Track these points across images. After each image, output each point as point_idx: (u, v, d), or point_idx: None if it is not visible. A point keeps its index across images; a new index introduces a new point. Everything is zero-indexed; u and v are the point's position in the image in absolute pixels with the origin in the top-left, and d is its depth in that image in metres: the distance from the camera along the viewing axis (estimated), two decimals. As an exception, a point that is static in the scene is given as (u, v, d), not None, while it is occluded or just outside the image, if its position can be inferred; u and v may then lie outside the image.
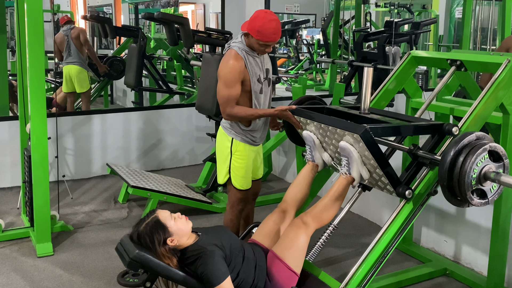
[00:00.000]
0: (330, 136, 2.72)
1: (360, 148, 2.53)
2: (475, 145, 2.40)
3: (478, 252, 3.40)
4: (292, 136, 3.20)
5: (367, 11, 7.22)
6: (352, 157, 2.60)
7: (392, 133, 2.71)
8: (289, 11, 8.16)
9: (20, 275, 3.28)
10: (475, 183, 2.40)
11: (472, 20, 5.89)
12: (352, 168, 2.64)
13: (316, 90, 7.62)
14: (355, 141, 2.53)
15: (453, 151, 2.39)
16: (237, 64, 2.92)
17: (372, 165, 2.57)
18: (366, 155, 2.54)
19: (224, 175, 3.16)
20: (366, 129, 2.44)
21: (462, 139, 2.43)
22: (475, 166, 2.37)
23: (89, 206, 4.50)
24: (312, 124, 2.82)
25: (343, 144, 2.60)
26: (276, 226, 2.79)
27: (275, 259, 2.59)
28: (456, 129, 2.63)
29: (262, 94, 3.05)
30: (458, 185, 2.40)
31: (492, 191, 2.48)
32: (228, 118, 3.02)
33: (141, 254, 2.39)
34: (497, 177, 2.40)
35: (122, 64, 6.47)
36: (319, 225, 2.67)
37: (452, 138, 2.62)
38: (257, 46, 2.92)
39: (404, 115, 2.98)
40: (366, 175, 2.65)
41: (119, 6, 7.27)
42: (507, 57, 2.82)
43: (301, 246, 2.59)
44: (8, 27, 5.71)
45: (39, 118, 3.42)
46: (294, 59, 8.69)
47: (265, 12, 2.91)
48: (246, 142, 3.10)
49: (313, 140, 2.85)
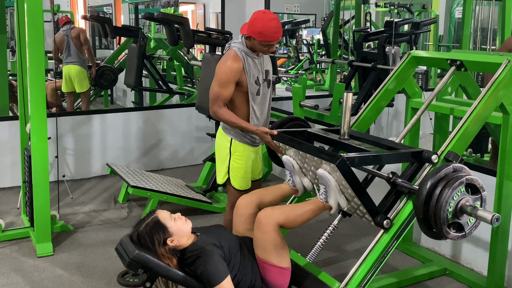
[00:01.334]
0: (308, 163, 2.70)
1: (338, 177, 2.48)
2: (452, 178, 2.35)
3: (478, 252, 3.40)
4: (274, 158, 3.21)
5: (367, 11, 7.21)
6: (329, 185, 2.56)
7: (370, 161, 2.61)
8: (289, 11, 8.15)
9: (20, 275, 3.28)
10: (451, 217, 2.35)
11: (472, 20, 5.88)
12: (330, 196, 2.60)
13: (316, 90, 7.61)
14: (332, 170, 2.49)
15: (429, 184, 2.34)
16: (234, 65, 2.92)
17: (349, 194, 2.53)
18: (343, 184, 2.49)
19: (223, 176, 3.16)
20: (343, 159, 2.38)
21: (438, 172, 2.37)
22: (451, 200, 2.32)
23: (89, 206, 4.50)
24: (291, 149, 2.80)
25: (320, 172, 2.56)
26: (246, 210, 2.79)
27: (261, 263, 2.59)
28: (435, 157, 2.56)
29: (259, 96, 3.06)
30: (434, 219, 2.35)
31: (469, 224, 2.43)
32: (213, 115, 3.06)
33: (141, 255, 2.39)
34: (473, 211, 2.34)
35: (113, 74, 6.45)
36: (283, 219, 2.56)
37: (431, 168, 2.57)
38: (260, 47, 2.93)
39: (385, 140, 2.91)
40: (344, 203, 2.61)
41: (119, 6, 7.27)
42: (507, 57, 2.82)
43: (276, 240, 2.54)
44: (8, 27, 5.71)
45: (39, 118, 3.42)
46: (294, 59, 8.68)
47: (263, 13, 2.90)
48: (245, 142, 3.10)
49: (293, 165, 2.84)
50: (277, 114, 4.93)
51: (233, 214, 2.87)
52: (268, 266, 2.57)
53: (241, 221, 2.79)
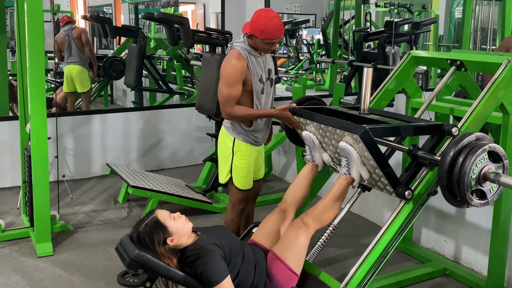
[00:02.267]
0: (329, 137, 2.72)
1: (360, 148, 2.53)
2: (475, 146, 2.40)
3: (478, 252, 3.40)
4: (292, 137, 3.20)
5: (367, 11, 7.22)
6: (351, 157, 2.60)
7: (391, 133, 2.70)
8: (289, 11, 8.16)
9: (20, 275, 3.28)
10: (474, 184, 2.40)
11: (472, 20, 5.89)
12: (352, 168, 2.64)
13: (316, 90, 7.62)
14: (355, 141, 2.52)
15: (452, 152, 2.39)
16: (239, 64, 2.92)
17: (371, 166, 2.57)
18: (365, 155, 2.53)
19: (225, 175, 3.15)
20: (366, 130, 2.44)
21: (461, 140, 2.42)
22: (475, 167, 2.37)
23: (89, 206, 4.50)
24: (311, 124, 2.82)
25: (342, 145, 2.59)
26: (275, 226, 2.79)
27: (276, 260, 2.59)
28: (455, 129, 2.62)
29: (263, 94, 3.05)
30: (457, 186, 2.39)
31: (491, 192, 2.48)
32: (227, 118, 3.02)
33: (141, 254, 2.39)
34: (496, 177, 2.39)
35: (122, 64, 6.46)
36: (319, 225, 2.67)
37: (452, 139, 2.62)
38: (263, 45, 2.92)
39: (404, 116, 2.97)
40: (366, 175, 2.65)
41: (119, 6, 7.27)
42: (507, 57, 2.82)
43: (302, 246, 2.60)
44: (8, 27, 5.71)
45: (39, 118, 3.42)
46: (294, 59, 8.69)
47: (265, 11, 2.91)
48: (248, 142, 3.10)
49: (313, 141, 2.85)
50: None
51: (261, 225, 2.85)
52: (282, 266, 2.57)
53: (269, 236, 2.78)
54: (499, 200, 2.94)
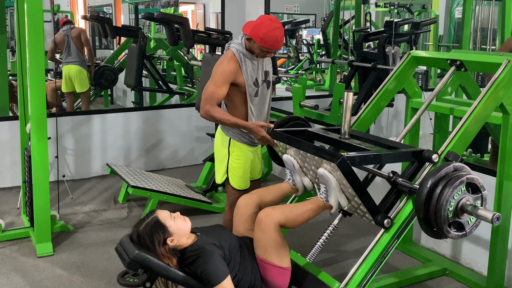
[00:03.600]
0: (309, 162, 2.69)
1: (338, 176, 2.48)
2: (453, 177, 2.35)
3: (478, 252, 3.40)
4: (274, 157, 3.20)
5: (367, 11, 7.21)
6: (330, 185, 2.55)
7: (370, 161, 2.62)
8: (289, 11, 8.15)
9: (20, 275, 3.28)
10: (452, 216, 2.36)
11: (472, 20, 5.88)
12: (330, 195, 2.59)
13: (316, 90, 7.61)
14: (333, 169, 2.49)
15: (430, 183, 2.34)
16: (230, 66, 2.93)
17: (350, 193, 2.53)
18: (344, 183, 2.49)
19: (222, 175, 3.16)
20: (343, 158, 2.38)
21: (439, 171, 2.37)
22: (452, 199, 2.33)
23: (89, 206, 4.50)
24: (291, 148, 2.80)
25: (321, 171, 2.55)
26: (247, 210, 2.78)
27: (261, 263, 2.59)
28: (436, 156, 2.56)
29: (257, 97, 3.05)
30: (434, 218, 2.35)
31: (469, 223, 2.43)
32: (204, 115, 3.00)
33: (141, 254, 2.39)
34: (474, 210, 2.35)
35: (113, 74, 6.45)
36: (284, 218, 2.57)
37: (432, 167, 2.57)
38: (259, 51, 2.94)
39: (385, 140, 2.90)
40: (344, 203, 2.60)
41: (119, 6, 7.27)
42: (507, 57, 2.82)
43: (276, 240, 2.55)
44: (8, 27, 5.71)
45: (39, 118, 3.42)
46: (294, 59, 8.68)
47: (269, 19, 2.90)
48: (244, 142, 3.10)
49: (293, 164, 2.83)
50: (277, 114, 4.93)
51: (233, 214, 2.87)
52: (268, 266, 2.57)
53: (241, 220, 2.79)
54: (499, 200, 2.94)
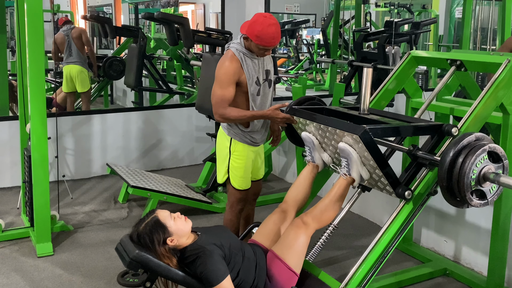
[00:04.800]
0: (329, 137, 2.72)
1: (360, 148, 2.52)
2: (475, 146, 2.39)
3: (478, 252, 3.40)
4: (292, 137, 3.19)
5: (367, 11, 7.22)
6: (351, 158, 2.60)
7: (391, 133, 2.70)
8: (289, 11, 8.15)
9: (20, 275, 3.28)
10: (474, 184, 2.40)
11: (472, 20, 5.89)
12: (352, 169, 2.64)
13: (316, 90, 7.62)
14: (355, 141, 2.52)
15: (452, 152, 2.39)
16: (232, 66, 2.93)
17: (371, 166, 2.57)
18: (365, 155, 2.53)
19: (223, 175, 3.16)
20: (366, 130, 2.43)
21: (461, 140, 2.42)
22: (474, 167, 2.37)
23: (89, 206, 4.50)
24: (311, 124, 2.81)
25: (342, 145, 2.59)
26: (276, 227, 2.79)
27: (275, 259, 2.59)
28: (455, 129, 2.62)
29: (259, 96, 3.05)
30: (457, 186, 2.39)
31: (491, 192, 2.48)
32: (220, 120, 3.01)
33: (141, 254, 2.39)
34: (496, 178, 2.39)
35: (122, 64, 6.46)
36: (319, 225, 2.67)
37: (452, 139, 2.62)
38: (257, 49, 2.94)
39: (403, 116, 2.97)
40: (366, 175, 2.65)
41: (119, 6, 7.27)
42: (507, 57, 2.82)
43: (301, 246, 2.60)
44: (8, 27, 5.71)
45: (39, 118, 3.42)
46: (294, 59, 8.69)
47: (264, 17, 2.90)
48: (245, 142, 3.10)
49: (312, 141, 2.85)
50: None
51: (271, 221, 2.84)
52: (281, 265, 2.57)
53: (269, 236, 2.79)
54: (499, 200, 2.94)
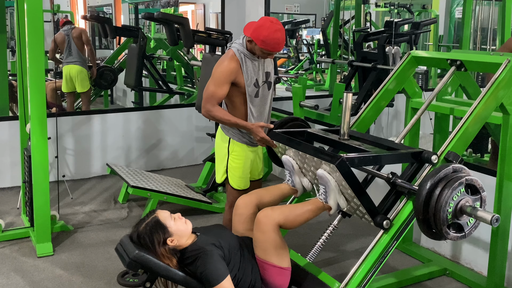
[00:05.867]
0: (308, 163, 2.69)
1: (337, 177, 2.48)
2: (452, 178, 2.35)
3: (478, 252, 3.40)
4: (273, 158, 3.21)
5: (367, 11, 7.21)
6: (329, 186, 2.56)
7: (370, 162, 2.61)
8: (289, 11, 8.15)
9: (20, 275, 3.28)
10: (451, 218, 2.35)
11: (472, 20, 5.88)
12: (329, 197, 2.60)
13: (316, 90, 7.61)
14: (332, 170, 2.49)
15: (429, 184, 2.34)
16: (230, 65, 2.93)
17: (349, 195, 2.53)
18: (343, 184, 2.49)
19: (221, 175, 3.17)
20: (343, 160, 2.38)
21: (438, 172, 2.37)
22: (451, 200, 2.32)
23: (89, 206, 4.50)
24: (290, 150, 2.80)
25: (320, 173, 2.55)
26: (246, 210, 2.78)
27: (261, 263, 2.59)
28: (435, 157, 2.56)
29: (257, 98, 3.06)
30: (433, 219, 2.35)
31: (469, 225, 2.43)
32: (205, 115, 3.03)
33: (141, 255, 2.39)
34: (473, 211, 2.34)
35: (113, 74, 6.45)
36: (283, 219, 2.57)
37: (431, 168, 2.57)
38: (260, 53, 2.95)
39: (385, 140, 2.90)
40: (343, 204, 2.60)
41: (119, 6, 7.27)
42: (507, 57, 2.82)
43: (275, 240, 2.55)
44: (8, 27, 5.71)
45: (39, 118, 3.42)
46: (294, 59, 8.68)
47: (271, 22, 2.90)
48: (244, 142, 3.10)
49: (292, 166, 2.83)
50: (277, 114, 4.93)
51: (233, 214, 2.87)
52: (268, 266, 2.57)
53: (240, 221, 2.79)
54: (499, 200, 2.94)
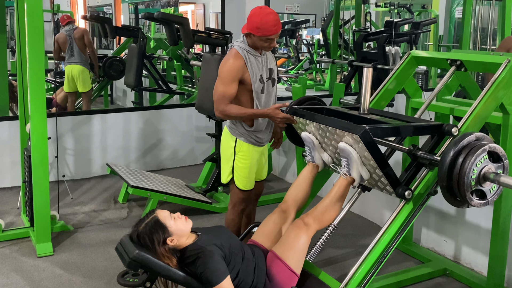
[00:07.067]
0: (329, 137, 2.72)
1: (360, 148, 2.53)
2: (475, 146, 2.39)
3: (478, 252, 3.40)
4: (292, 137, 3.19)
5: (367, 11, 7.22)
6: (351, 158, 2.60)
7: (391, 133, 2.70)
8: (289, 11, 8.16)
9: (20, 275, 3.28)
10: (474, 184, 2.40)
11: (472, 20, 5.89)
12: (352, 168, 2.64)
13: (316, 90, 7.62)
14: (355, 141, 2.52)
15: (452, 152, 2.39)
16: (236, 63, 2.92)
17: (371, 166, 2.57)
18: (365, 155, 2.53)
19: (227, 175, 3.16)
20: (366, 130, 2.44)
21: (461, 140, 2.42)
22: (475, 167, 2.37)
23: (89, 206, 4.50)
24: (311, 124, 2.81)
25: (342, 145, 2.59)
26: (276, 227, 2.79)
27: (276, 259, 2.59)
28: (455, 129, 2.62)
29: (263, 94, 3.05)
30: (457, 186, 2.39)
31: (491, 192, 2.48)
32: (220, 116, 3.01)
33: (141, 254, 2.39)
34: (496, 177, 2.39)
35: (122, 64, 6.46)
36: (320, 226, 2.67)
37: (452, 139, 2.62)
38: (261, 43, 2.92)
39: (403, 116, 2.97)
40: (366, 175, 2.65)
41: (119, 6, 7.27)
42: (507, 57, 2.82)
43: (302, 247, 2.60)
44: (8, 27, 5.71)
45: (39, 118, 3.42)
46: (294, 59, 8.69)
47: (260, 8, 2.90)
48: (250, 142, 3.09)
49: (312, 141, 2.85)
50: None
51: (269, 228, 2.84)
52: (282, 265, 2.57)
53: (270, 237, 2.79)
54: (499, 200, 2.94)
